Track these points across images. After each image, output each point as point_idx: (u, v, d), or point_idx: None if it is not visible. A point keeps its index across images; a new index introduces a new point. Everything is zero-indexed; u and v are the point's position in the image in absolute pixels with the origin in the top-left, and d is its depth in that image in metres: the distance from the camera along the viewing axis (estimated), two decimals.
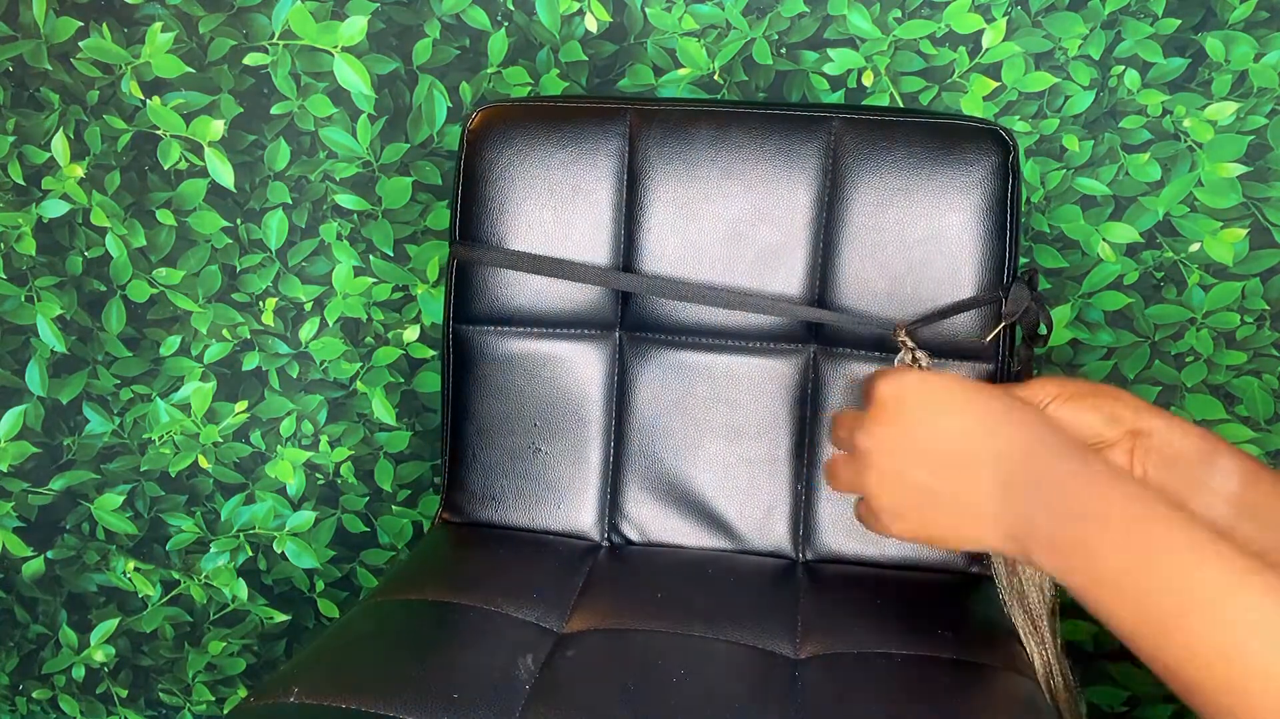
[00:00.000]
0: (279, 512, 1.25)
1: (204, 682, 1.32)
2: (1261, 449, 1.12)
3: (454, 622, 0.81)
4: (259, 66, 1.13)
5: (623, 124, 0.92)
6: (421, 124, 1.13)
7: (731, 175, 0.91)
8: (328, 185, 1.16)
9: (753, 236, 0.91)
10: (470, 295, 0.94)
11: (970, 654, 0.78)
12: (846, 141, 0.90)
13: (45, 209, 1.19)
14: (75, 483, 1.26)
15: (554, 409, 0.94)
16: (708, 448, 0.93)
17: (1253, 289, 1.09)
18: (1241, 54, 1.04)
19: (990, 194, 0.88)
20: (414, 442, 1.22)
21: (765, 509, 0.93)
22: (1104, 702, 1.16)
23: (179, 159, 1.16)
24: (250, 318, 1.20)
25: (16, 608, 1.31)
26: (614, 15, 1.10)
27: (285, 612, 1.29)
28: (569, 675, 0.75)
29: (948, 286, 0.88)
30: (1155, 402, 1.11)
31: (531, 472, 0.94)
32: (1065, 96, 1.07)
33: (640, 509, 0.94)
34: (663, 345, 0.93)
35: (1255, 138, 1.05)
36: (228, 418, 1.23)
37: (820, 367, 0.92)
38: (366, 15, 1.11)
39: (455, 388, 0.95)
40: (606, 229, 0.92)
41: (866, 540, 0.92)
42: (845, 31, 1.07)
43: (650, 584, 0.87)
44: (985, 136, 0.88)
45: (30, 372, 1.23)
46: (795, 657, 0.79)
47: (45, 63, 1.15)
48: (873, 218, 0.89)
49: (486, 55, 1.11)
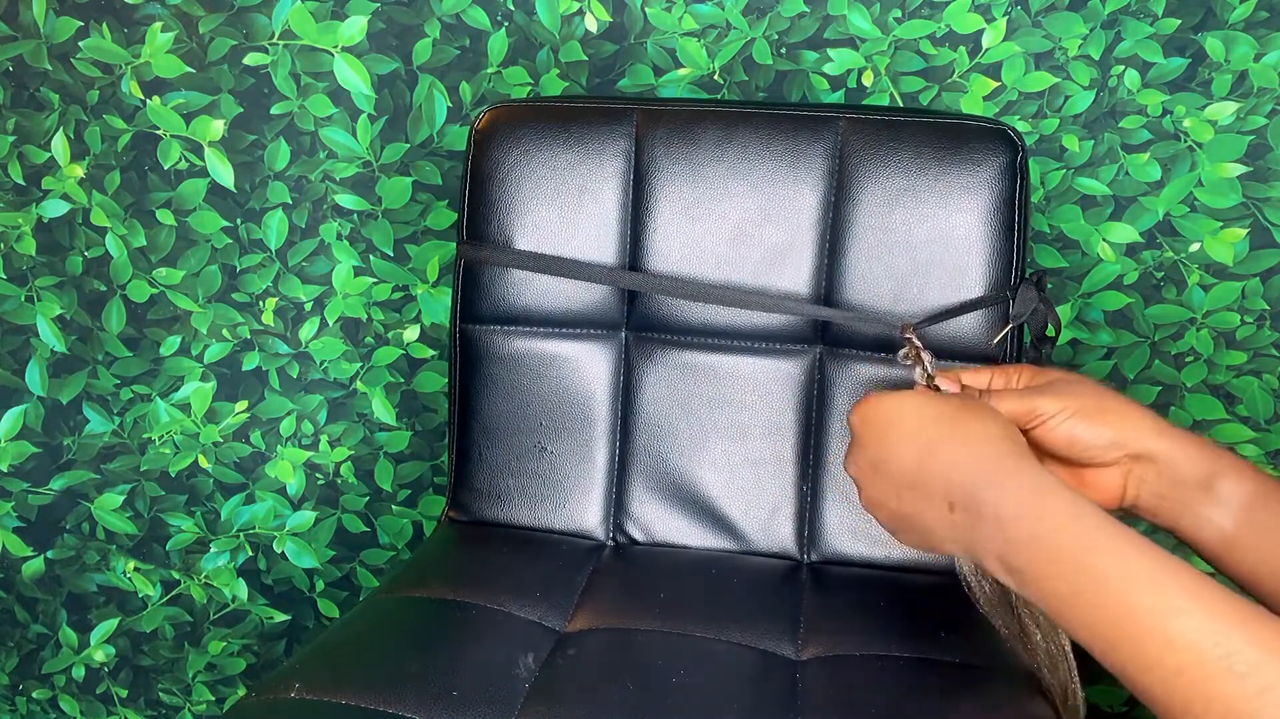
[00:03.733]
0: (279, 512, 1.25)
1: (204, 682, 1.32)
2: (1261, 449, 1.12)
3: (456, 619, 0.81)
4: (259, 66, 1.13)
5: (629, 124, 0.92)
6: (421, 124, 1.13)
7: (738, 175, 0.91)
8: (328, 185, 1.16)
9: (759, 237, 0.91)
10: (477, 295, 0.94)
11: (973, 657, 0.78)
12: (853, 141, 0.90)
13: (45, 209, 1.19)
14: (75, 483, 1.26)
15: (560, 408, 0.94)
16: (713, 448, 0.93)
17: (1253, 289, 1.09)
18: (1241, 54, 1.04)
19: (998, 194, 0.88)
20: (414, 442, 1.22)
21: (770, 510, 0.93)
22: (1104, 702, 1.16)
23: (179, 159, 1.16)
24: (250, 318, 1.20)
25: (16, 608, 1.31)
26: (614, 15, 1.10)
27: (285, 611, 1.29)
28: (569, 674, 0.75)
29: (955, 287, 0.88)
30: (1155, 402, 1.11)
31: (537, 471, 0.95)
32: (1065, 96, 1.07)
33: (645, 509, 0.94)
34: (669, 345, 0.94)
35: (1255, 138, 1.06)
36: (228, 418, 1.23)
37: (826, 367, 0.92)
38: (366, 15, 1.11)
39: (462, 387, 0.95)
40: (613, 229, 0.92)
41: (872, 542, 0.92)
42: (845, 31, 1.07)
43: (654, 584, 0.87)
44: (993, 136, 0.88)
45: (30, 372, 1.23)
46: (797, 658, 0.79)
47: (45, 63, 1.15)
48: (879, 218, 0.89)
49: (486, 55, 1.11)
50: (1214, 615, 0.55)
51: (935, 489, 0.67)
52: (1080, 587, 0.59)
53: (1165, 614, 0.56)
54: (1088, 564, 0.60)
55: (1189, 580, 0.57)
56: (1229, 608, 0.56)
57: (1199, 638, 0.55)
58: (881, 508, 0.72)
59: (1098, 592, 0.59)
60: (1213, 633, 0.55)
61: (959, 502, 0.66)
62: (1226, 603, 0.56)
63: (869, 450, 0.72)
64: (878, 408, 0.72)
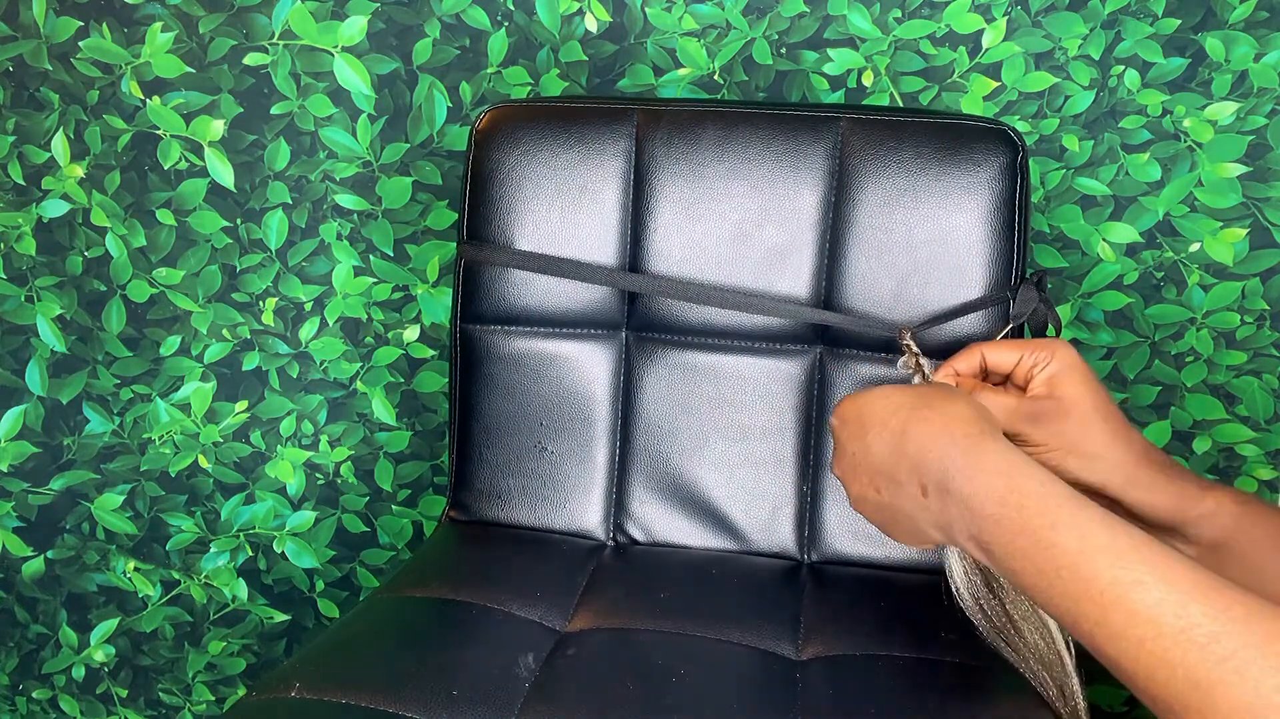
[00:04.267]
0: (279, 512, 1.25)
1: (204, 681, 1.32)
2: (1261, 449, 1.12)
3: (456, 619, 0.81)
4: (259, 66, 1.13)
5: (630, 124, 0.92)
6: (421, 124, 1.13)
7: (738, 176, 0.91)
8: (328, 185, 1.16)
9: (759, 237, 0.91)
10: (477, 295, 0.94)
11: (973, 657, 0.78)
12: (854, 142, 0.90)
13: (45, 209, 1.19)
14: (75, 483, 1.26)
15: (560, 409, 0.94)
16: (713, 448, 0.93)
17: (1253, 289, 1.09)
18: (1241, 54, 1.04)
19: (998, 194, 0.88)
20: (414, 442, 1.22)
21: (770, 510, 0.93)
22: (1104, 702, 1.16)
23: (179, 159, 1.16)
24: (250, 318, 1.20)
25: (16, 608, 1.31)
26: (614, 15, 1.10)
27: (285, 611, 1.29)
28: (569, 674, 0.75)
29: (955, 287, 0.88)
30: (1155, 402, 1.11)
31: (537, 471, 0.95)
32: (1065, 96, 1.07)
33: (645, 509, 0.94)
34: (669, 346, 0.94)
35: (1255, 138, 1.06)
36: (228, 418, 1.23)
37: (827, 368, 0.92)
38: (366, 15, 1.11)
39: (462, 387, 0.95)
40: (613, 229, 0.92)
41: (872, 542, 0.92)
42: (845, 31, 1.07)
43: (654, 584, 0.87)
44: (994, 137, 0.88)
45: (30, 371, 1.23)
46: (797, 658, 0.79)
47: (45, 63, 1.15)
48: (880, 218, 0.89)
49: (486, 55, 1.11)
50: (1174, 587, 0.56)
51: (908, 475, 0.68)
52: (1045, 562, 0.61)
53: (1127, 586, 0.57)
54: (1051, 540, 0.61)
55: (1150, 553, 0.58)
56: (1189, 579, 0.56)
57: (1160, 609, 0.56)
58: (866, 503, 0.73)
59: (1061, 566, 0.60)
60: (1174, 604, 0.55)
61: (930, 482, 0.67)
62: (1187, 574, 0.57)
63: (848, 449, 0.73)
64: (851, 406, 0.73)
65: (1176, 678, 0.54)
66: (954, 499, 0.66)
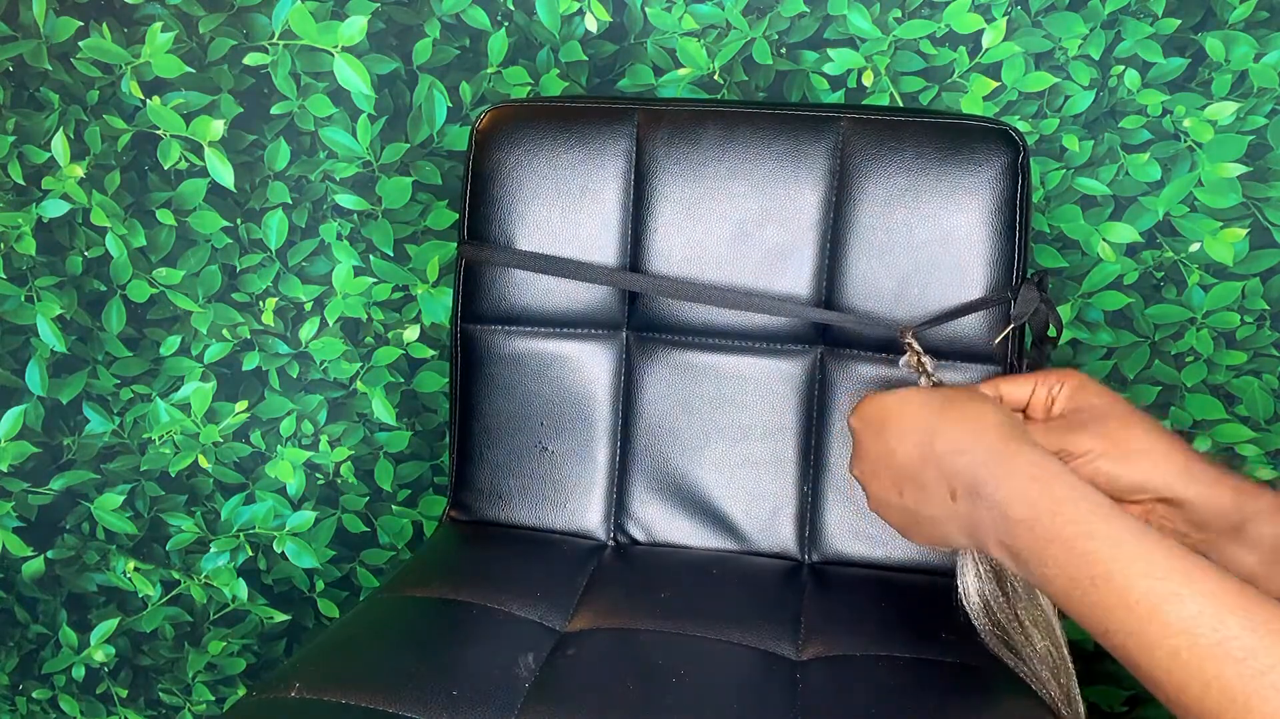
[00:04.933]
0: (279, 512, 1.25)
1: (204, 681, 1.32)
2: (1261, 449, 1.12)
3: (457, 619, 0.81)
4: (259, 66, 1.13)
5: (630, 124, 0.92)
6: (421, 124, 1.13)
7: (739, 175, 0.91)
8: (328, 185, 1.16)
9: (760, 237, 0.91)
10: (478, 295, 0.94)
11: (973, 658, 0.78)
12: (855, 141, 0.90)
13: (45, 209, 1.19)
14: (75, 483, 1.26)
15: (561, 409, 0.94)
16: (714, 448, 0.93)
17: (1253, 289, 1.09)
18: (1241, 54, 1.04)
19: (1000, 194, 0.88)
20: (414, 442, 1.22)
21: (771, 510, 0.93)
22: (1104, 702, 1.16)
23: (179, 159, 1.16)
24: (250, 318, 1.20)
25: (16, 608, 1.31)
26: (614, 15, 1.10)
27: (285, 611, 1.29)
28: (569, 674, 0.75)
29: (956, 287, 0.88)
30: (1155, 402, 1.11)
31: (538, 471, 0.95)
32: (1065, 96, 1.07)
33: (646, 509, 0.94)
34: (669, 345, 0.94)
35: (1255, 138, 1.06)
36: (228, 418, 1.23)
37: (828, 367, 0.92)
38: (366, 15, 1.11)
39: (463, 387, 0.95)
40: (614, 229, 0.92)
41: (872, 543, 0.92)
42: (845, 31, 1.07)
43: (654, 584, 0.87)
44: (995, 136, 0.88)
45: (30, 371, 1.23)
46: (797, 658, 0.79)
47: (45, 63, 1.15)
48: (881, 218, 0.89)
49: (486, 55, 1.11)
50: (1211, 599, 0.56)
51: (937, 477, 0.68)
52: (1078, 571, 0.60)
53: (1162, 598, 0.57)
54: (1085, 549, 0.60)
55: (1186, 564, 0.58)
56: (1226, 591, 0.56)
57: (1196, 622, 0.55)
58: (888, 506, 0.72)
59: (1095, 576, 0.59)
60: (1210, 617, 0.55)
61: (960, 487, 0.66)
62: (1223, 586, 0.56)
63: (870, 450, 0.72)
64: (874, 406, 0.72)
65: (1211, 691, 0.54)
66: (985, 503, 0.65)
